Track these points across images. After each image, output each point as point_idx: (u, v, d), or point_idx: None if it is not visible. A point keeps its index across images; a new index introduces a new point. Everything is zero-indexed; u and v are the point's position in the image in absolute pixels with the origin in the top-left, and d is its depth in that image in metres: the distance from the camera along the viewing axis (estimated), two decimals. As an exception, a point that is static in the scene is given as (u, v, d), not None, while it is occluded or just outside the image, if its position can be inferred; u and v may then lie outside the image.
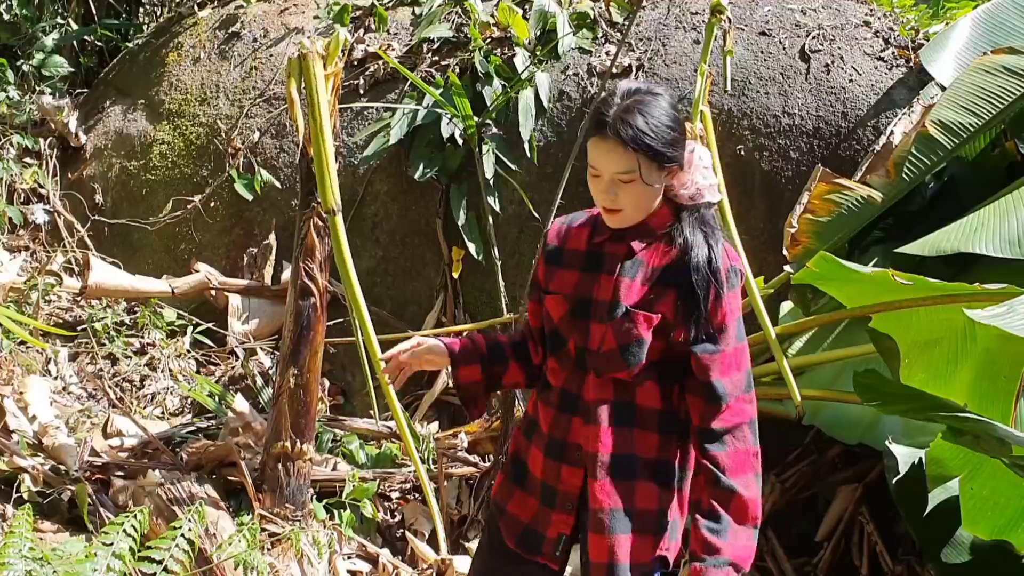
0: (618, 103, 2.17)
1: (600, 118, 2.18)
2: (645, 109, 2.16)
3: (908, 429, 3.73)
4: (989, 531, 3.22)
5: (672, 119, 2.20)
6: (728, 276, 2.24)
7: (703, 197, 2.27)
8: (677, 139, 2.20)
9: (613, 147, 2.15)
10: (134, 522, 2.46)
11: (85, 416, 4.26)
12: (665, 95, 2.23)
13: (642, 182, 2.17)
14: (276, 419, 3.66)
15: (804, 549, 4.37)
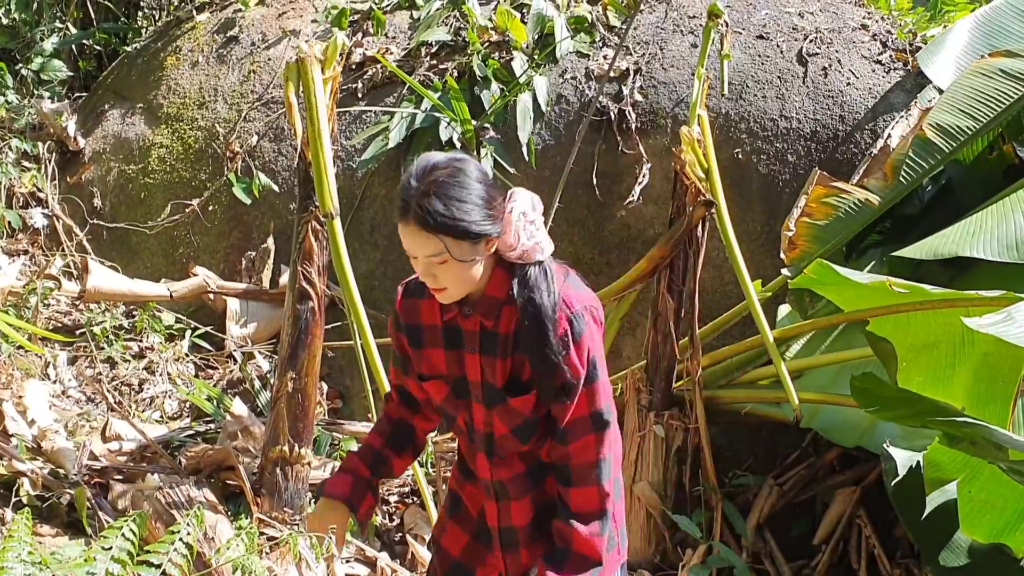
0: (415, 186, 2.08)
1: (401, 201, 2.10)
2: (443, 191, 2.07)
3: (906, 432, 3.73)
4: (987, 534, 3.23)
5: (476, 193, 2.10)
6: (571, 327, 2.19)
7: (533, 256, 2.18)
8: (484, 212, 2.10)
9: (417, 232, 2.08)
10: (133, 526, 2.46)
11: (84, 420, 4.26)
12: (468, 165, 2.14)
13: (456, 261, 2.10)
14: (274, 423, 3.66)
15: (802, 552, 4.37)
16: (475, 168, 2.15)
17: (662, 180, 4.69)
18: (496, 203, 2.14)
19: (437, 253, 2.08)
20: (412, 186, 2.09)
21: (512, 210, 2.17)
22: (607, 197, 4.82)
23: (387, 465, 2.55)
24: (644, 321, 4.39)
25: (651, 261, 4.04)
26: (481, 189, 2.12)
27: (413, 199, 2.07)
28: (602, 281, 4.61)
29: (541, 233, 2.20)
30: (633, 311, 4.39)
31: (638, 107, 4.82)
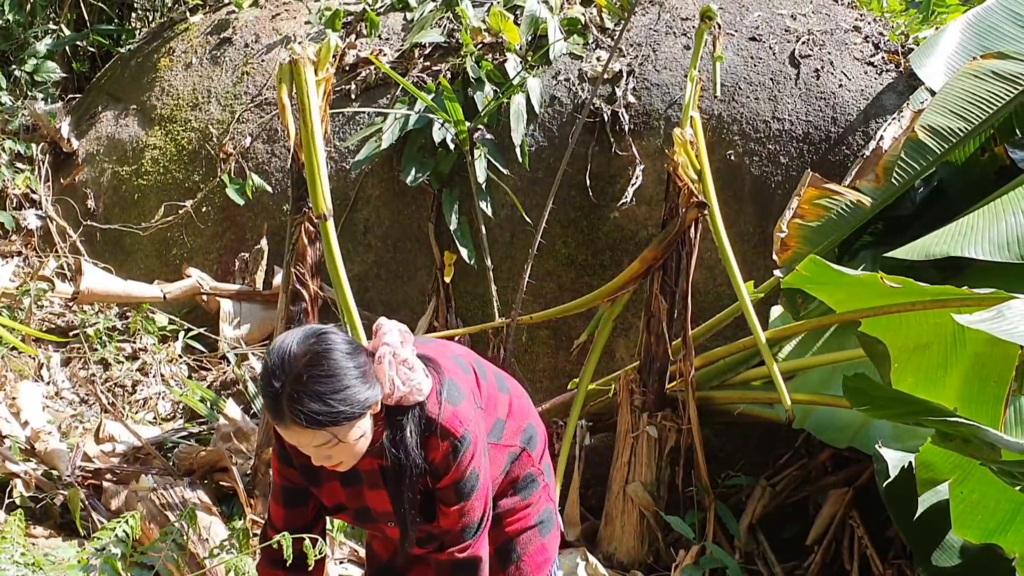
0: (278, 387, 1.98)
1: (269, 402, 2.02)
2: (314, 387, 1.98)
3: (898, 433, 3.74)
4: (979, 535, 3.23)
5: (347, 373, 2.02)
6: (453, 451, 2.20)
7: (411, 400, 2.14)
8: (361, 386, 2.04)
9: (300, 431, 2.02)
10: (126, 527, 2.47)
11: (77, 421, 4.26)
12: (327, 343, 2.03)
13: (347, 440, 2.06)
14: (268, 424, 3.66)
15: (795, 553, 4.38)
16: (335, 340, 2.05)
17: (655, 182, 4.70)
18: (368, 367, 2.08)
19: (326, 443, 2.04)
20: (275, 388, 1.99)
21: (383, 358, 2.10)
22: (600, 198, 4.83)
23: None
24: (637, 322, 4.40)
25: (644, 262, 4.05)
26: (349, 364, 2.03)
27: (284, 403, 1.98)
28: (595, 282, 4.62)
29: (416, 371, 2.14)
30: (626, 312, 4.40)
31: (631, 109, 4.83)
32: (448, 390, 2.22)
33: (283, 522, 2.42)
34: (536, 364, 5.01)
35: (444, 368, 2.26)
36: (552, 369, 4.99)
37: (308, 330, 2.08)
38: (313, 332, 2.06)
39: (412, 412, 2.16)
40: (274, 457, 2.35)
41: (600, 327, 4.29)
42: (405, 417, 2.15)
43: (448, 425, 2.19)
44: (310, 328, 2.09)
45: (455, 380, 2.26)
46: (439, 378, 2.22)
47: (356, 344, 2.11)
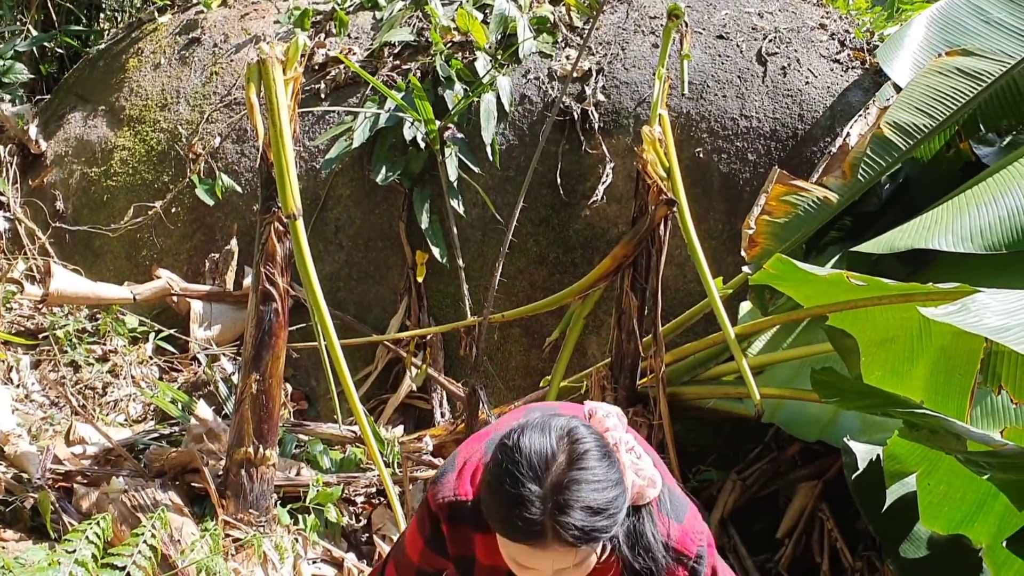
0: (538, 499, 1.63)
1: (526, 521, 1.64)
2: (583, 496, 1.65)
3: (866, 426, 3.78)
4: (946, 526, 3.27)
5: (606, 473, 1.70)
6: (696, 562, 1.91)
7: (646, 496, 1.84)
8: (620, 489, 1.72)
9: (561, 551, 1.68)
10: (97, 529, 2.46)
11: (48, 424, 4.23)
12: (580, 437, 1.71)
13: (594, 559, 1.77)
14: (239, 425, 3.66)
15: (765, 546, 4.42)
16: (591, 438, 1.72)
17: (625, 179, 4.72)
18: (619, 467, 1.75)
19: (582, 561, 1.73)
20: (534, 496, 1.63)
21: (618, 448, 1.79)
22: (571, 196, 4.85)
23: None
24: (608, 319, 4.42)
25: (615, 260, 4.07)
26: (607, 467, 1.71)
27: (546, 517, 1.63)
28: (567, 280, 4.64)
29: (644, 460, 1.85)
30: (598, 310, 4.42)
31: (601, 107, 4.86)
32: (671, 503, 1.91)
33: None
34: (508, 362, 5.02)
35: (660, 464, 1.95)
36: (524, 367, 5.00)
37: (557, 424, 1.73)
38: (559, 427, 1.72)
39: (647, 510, 1.85)
40: (419, 537, 2.03)
41: (572, 325, 4.31)
42: (639, 518, 1.84)
43: (680, 547, 1.89)
44: (557, 421, 1.74)
45: (672, 488, 1.94)
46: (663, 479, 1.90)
47: (604, 439, 1.77)
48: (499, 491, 1.66)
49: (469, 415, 4.31)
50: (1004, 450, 2.82)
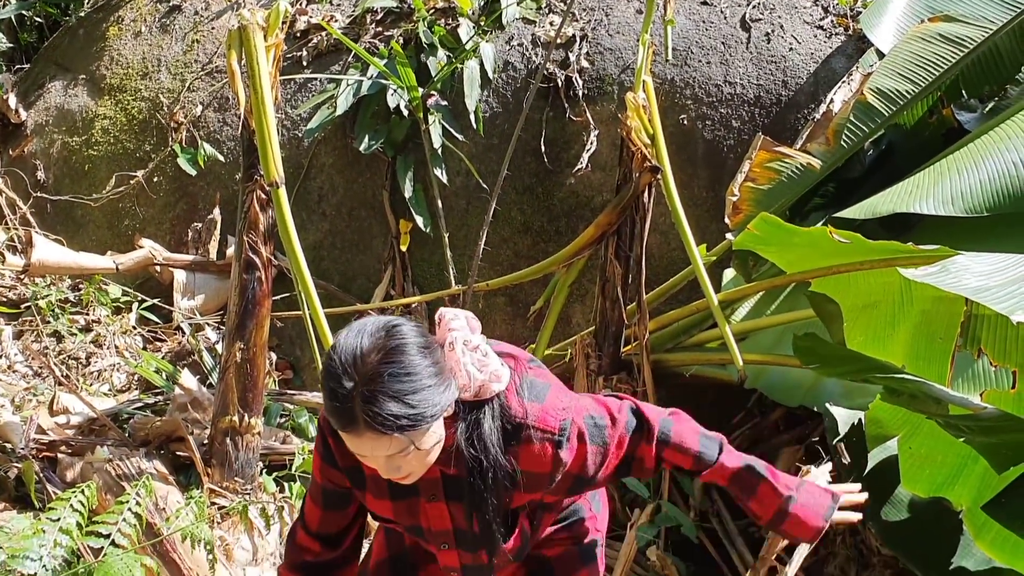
0: (350, 388, 1.73)
1: (341, 411, 1.75)
2: (391, 387, 1.74)
3: (848, 391, 3.81)
4: (927, 488, 3.30)
5: (424, 369, 1.78)
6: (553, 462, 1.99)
7: (490, 390, 1.92)
8: (438, 384, 1.80)
9: (375, 438, 1.77)
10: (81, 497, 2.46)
11: (31, 394, 4.22)
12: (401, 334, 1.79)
13: (423, 447, 1.83)
14: (223, 393, 3.65)
15: (749, 511, 4.46)
16: (407, 333, 1.81)
17: (609, 147, 4.71)
18: (441, 361, 1.84)
19: (401, 451, 1.81)
20: (346, 390, 1.74)
21: (454, 345, 1.89)
22: (555, 164, 4.84)
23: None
24: (593, 288, 4.43)
25: (599, 227, 4.07)
26: (426, 360, 1.79)
27: (357, 406, 1.74)
28: (551, 248, 4.64)
29: (490, 357, 1.93)
30: (582, 278, 4.42)
31: (585, 73, 4.84)
32: (529, 387, 1.99)
33: (318, 524, 2.20)
34: (493, 331, 5.03)
35: (521, 361, 2.02)
36: (509, 336, 5.01)
37: (376, 323, 1.82)
38: (382, 325, 1.81)
39: (489, 405, 1.93)
40: (316, 455, 2.12)
41: (556, 293, 4.31)
42: (481, 411, 1.92)
43: (540, 424, 1.96)
44: (378, 320, 1.83)
45: (535, 376, 2.01)
46: (518, 372, 1.98)
47: (428, 336, 1.86)
48: (324, 387, 1.78)
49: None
50: (983, 413, 2.85)
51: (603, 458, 2.09)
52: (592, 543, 2.41)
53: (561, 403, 2.00)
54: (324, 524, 2.19)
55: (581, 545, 2.37)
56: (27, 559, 2.25)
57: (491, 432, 1.93)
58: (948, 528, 3.36)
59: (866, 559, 4.11)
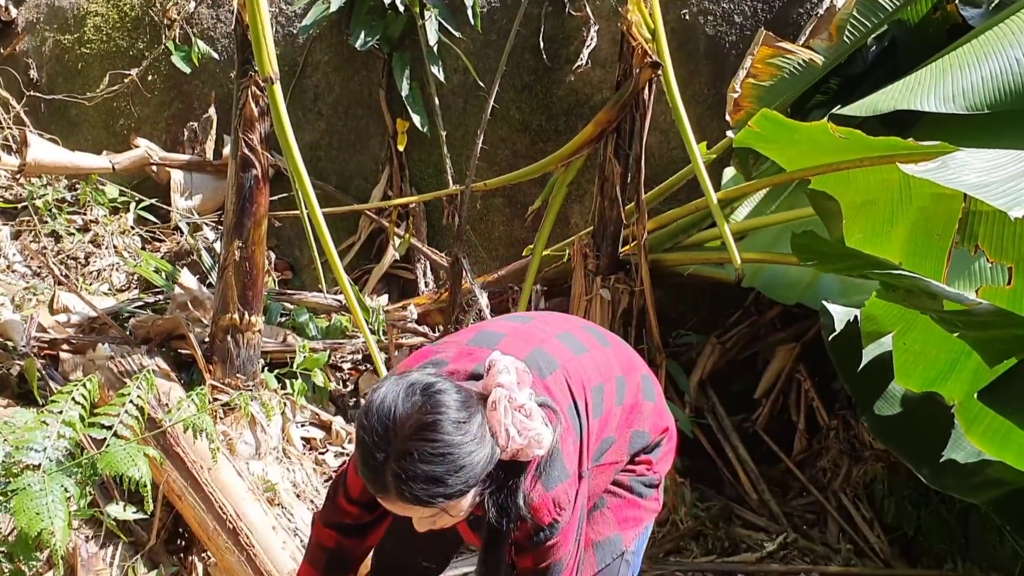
0: (381, 459, 1.72)
1: (373, 478, 1.76)
2: (424, 464, 1.71)
3: (844, 289, 3.83)
4: (920, 383, 3.34)
5: (459, 442, 1.74)
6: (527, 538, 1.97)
7: (530, 454, 1.85)
8: (474, 452, 1.76)
9: (403, 506, 1.78)
10: (83, 390, 2.48)
11: (31, 294, 4.23)
12: (437, 405, 1.74)
13: (455, 513, 1.83)
14: (223, 291, 3.66)
15: (743, 406, 4.52)
16: (446, 403, 1.75)
17: (610, 43, 4.64)
18: (483, 429, 1.79)
19: (432, 515, 1.83)
20: (378, 460, 1.72)
21: (496, 405, 1.81)
22: (554, 61, 4.78)
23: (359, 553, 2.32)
24: (591, 188, 4.41)
25: (598, 125, 4.03)
26: (464, 437, 1.74)
27: (389, 479, 1.72)
28: (550, 148, 4.60)
29: (534, 419, 1.84)
30: (580, 178, 4.40)
31: (584, -34, 4.74)
32: (547, 468, 1.93)
33: (360, 492, 2.18)
34: (491, 232, 5.03)
35: (561, 414, 1.96)
36: (507, 237, 5.01)
37: (414, 383, 1.78)
38: (421, 388, 1.77)
39: (527, 471, 1.90)
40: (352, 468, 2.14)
41: (554, 193, 4.30)
42: (518, 480, 1.88)
43: (535, 510, 1.93)
44: (416, 380, 1.79)
45: (562, 451, 1.95)
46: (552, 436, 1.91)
47: (469, 401, 1.79)
48: (357, 448, 1.78)
49: (452, 284, 4.33)
50: (977, 309, 2.87)
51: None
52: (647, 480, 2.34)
53: (565, 502, 1.96)
54: (365, 493, 2.15)
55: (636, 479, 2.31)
56: (31, 450, 2.28)
57: (524, 501, 1.90)
58: (939, 422, 3.41)
59: (858, 453, 4.19)
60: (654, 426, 2.31)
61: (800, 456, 4.41)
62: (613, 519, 2.26)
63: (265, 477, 3.44)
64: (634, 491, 2.29)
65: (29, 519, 2.12)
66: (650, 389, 2.33)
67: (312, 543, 2.31)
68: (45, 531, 2.11)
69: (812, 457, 4.38)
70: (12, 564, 2.31)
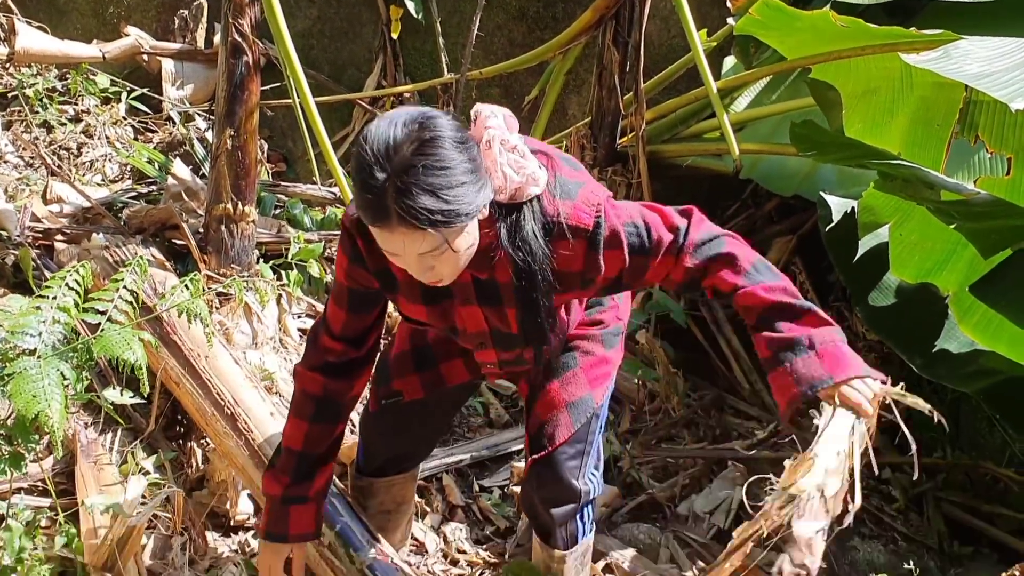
0: (382, 180, 1.67)
1: (374, 204, 1.70)
2: (426, 181, 1.68)
3: (842, 180, 3.81)
4: (915, 274, 3.35)
5: (460, 164, 1.71)
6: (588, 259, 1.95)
7: (526, 192, 1.86)
8: (474, 180, 1.74)
9: (407, 233, 1.71)
10: (77, 276, 2.47)
11: (24, 184, 4.20)
12: (436, 128, 1.71)
13: (456, 247, 1.78)
14: (216, 181, 3.63)
15: (739, 299, 4.53)
16: (443, 125, 1.72)
17: (608, -73, 4.52)
18: (478, 157, 1.77)
19: (434, 249, 1.76)
20: (379, 181, 1.68)
21: (491, 143, 1.81)
22: (552, -54, 4.68)
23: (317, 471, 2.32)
24: (589, 78, 4.35)
25: (596, 11, 3.97)
26: (462, 155, 1.72)
27: (390, 198, 1.68)
28: (547, 36, 4.54)
29: (528, 158, 1.85)
30: (578, 67, 4.35)
31: None
32: (561, 186, 1.92)
33: (342, 326, 2.18)
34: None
35: (555, 160, 1.96)
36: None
37: (410, 113, 1.74)
38: (417, 116, 1.72)
39: (528, 206, 1.88)
40: (343, 257, 2.07)
41: (551, 82, 4.25)
42: (521, 214, 1.87)
43: (574, 222, 1.91)
44: (412, 110, 1.75)
45: (567, 176, 1.95)
46: (553, 172, 1.92)
47: (465, 134, 1.77)
48: (355, 180, 1.73)
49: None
50: (975, 199, 2.86)
51: (642, 270, 2.01)
52: (614, 331, 2.40)
53: (595, 199, 1.93)
54: (348, 327, 2.17)
55: (605, 331, 2.37)
56: (27, 335, 2.29)
57: (534, 235, 1.87)
58: (933, 313, 3.44)
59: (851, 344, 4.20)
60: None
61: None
62: (584, 379, 2.30)
63: (262, 366, 3.46)
64: (605, 344, 2.34)
65: (26, 402, 2.13)
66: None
67: (296, 395, 2.28)
68: (43, 413, 2.12)
69: (805, 350, 4.40)
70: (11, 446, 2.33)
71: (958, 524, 3.79)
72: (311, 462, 2.30)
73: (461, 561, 3.16)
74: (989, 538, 3.72)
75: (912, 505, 3.78)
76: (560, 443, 2.27)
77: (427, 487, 3.40)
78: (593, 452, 2.36)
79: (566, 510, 2.37)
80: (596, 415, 2.33)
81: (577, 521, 2.44)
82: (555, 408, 2.29)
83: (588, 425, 2.31)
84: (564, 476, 2.30)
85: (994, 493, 3.87)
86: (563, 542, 2.45)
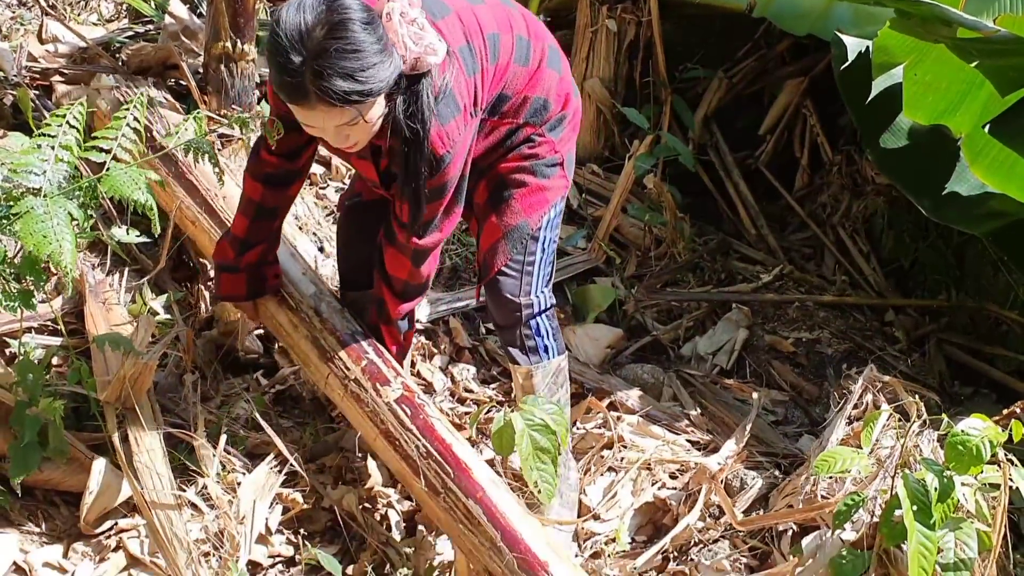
0: (298, 63, 1.86)
1: (292, 86, 1.90)
2: (339, 63, 1.87)
3: (857, 18, 3.72)
4: (928, 116, 3.30)
5: (369, 44, 1.90)
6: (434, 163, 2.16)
7: (426, 63, 2.04)
8: (382, 58, 1.92)
9: (325, 111, 1.93)
10: (76, 113, 2.41)
11: (18, 23, 4.10)
12: (346, 10, 1.89)
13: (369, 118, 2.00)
14: (214, 18, 3.55)
15: (747, 143, 4.48)
16: (350, 6, 1.89)
17: None
18: (383, 34, 1.94)
19: (349, 121, 1.97)
20: (296, 64, 1.86)
21: (391, 15, 1.98)
22: None
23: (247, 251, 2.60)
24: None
25: None
26: (370, 36, 1.90)
27: (307, 82, 1.88)
28: None
29: (427, 31, 2.03)
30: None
31: None
32: (443, 103, 2.12)
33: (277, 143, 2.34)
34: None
35: (453, 54, 2.13)
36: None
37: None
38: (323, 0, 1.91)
39: (427, 78, 2.07)
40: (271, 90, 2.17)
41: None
42: (419, 85, 2.06)
43: (432, 143, 2.13)
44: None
45: (454, 88, 2.14)
46: (445, 65, 2.10)
47: (370, 11, 1.94)
48: (272, 63, 1.92)
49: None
50: (995, 36, 2.79)
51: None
52: (549, 161, 2.51)
53: (456, 135, 2.15)
54: (282, 143, 2.32)
55: (537, 163, 2.49)
56: (31, 174, 2.25)
57: (428, 107, 2.07)
58: (945, 155, 3.41)
59: (859, 188, 4.20)
60: (557, 97, 2.46)
61: (801, 192, 4.42)
62: (519, 207, 2.49)
63: (268, 207, 3.44)
64: (538, 175, 2.49)
65: (37, 242, 2.10)
66: (556, 60, 2.48)
67: (243, 196, 2.55)
68: (54, 253, 2.10)
69: (813, 193, 4.38)
70: (20, 284, 2.32)
71: (959, 365, 3.85)
72: (248, 245, 2.59)
73: (468, 400, 3.23)
74: (989, 379, 3.77)
75: (914, 346, 3.83)
76: (499, 267, 2.52)
77: (434, 330, 3.44)
78: (536, 271, 2.57)
79: (511, 321, 2.60)
80: (534, 237, 2.51)
81: (535, 337, 2.62)
82: (493, 237, 2.50)
83: (525, 247, 2.52)
84: (503, 293, 2.54)
85: (996, 335, 3.91)
86: (523, 357, 2.63)
